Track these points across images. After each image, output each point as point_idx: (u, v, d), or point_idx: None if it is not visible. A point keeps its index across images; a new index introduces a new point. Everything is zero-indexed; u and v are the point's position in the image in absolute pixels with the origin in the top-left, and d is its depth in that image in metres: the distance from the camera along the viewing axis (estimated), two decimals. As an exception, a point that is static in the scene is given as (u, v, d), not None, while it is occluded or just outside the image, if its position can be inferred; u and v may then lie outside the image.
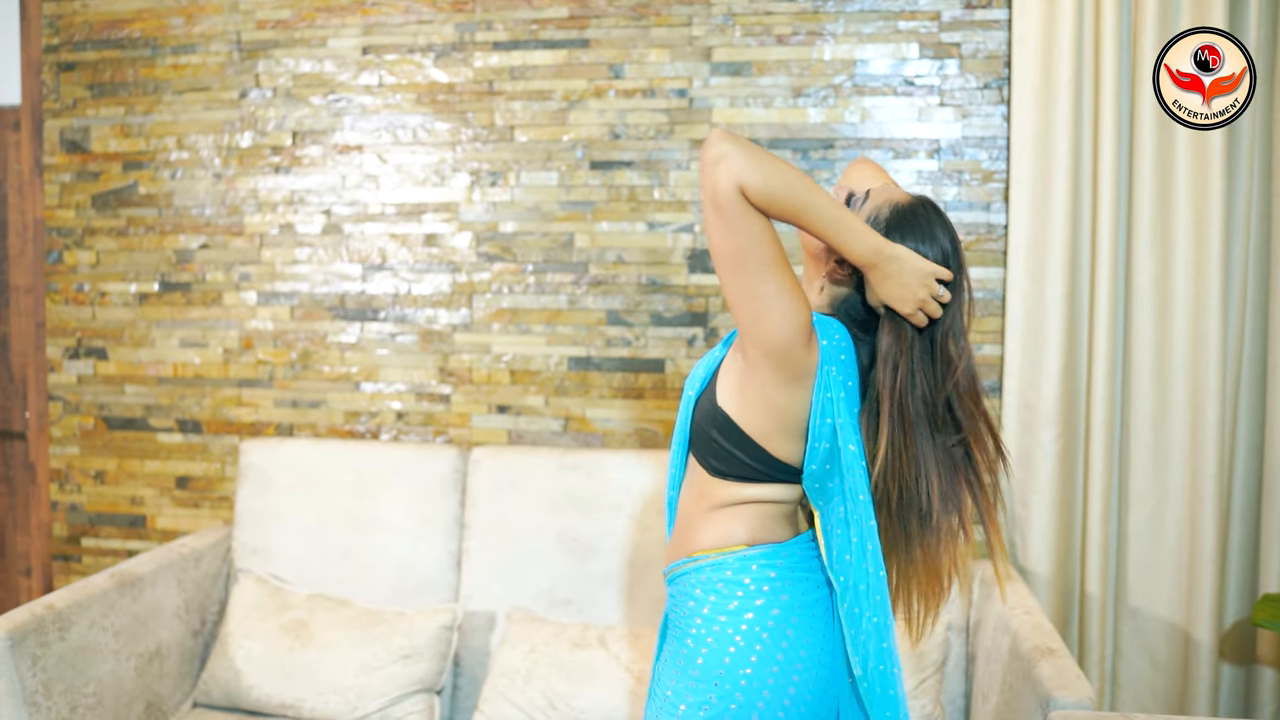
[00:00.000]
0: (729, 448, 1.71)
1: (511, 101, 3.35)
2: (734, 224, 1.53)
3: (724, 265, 1.57)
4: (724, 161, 1.52)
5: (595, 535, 3.07)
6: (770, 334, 1.58)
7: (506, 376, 3.39)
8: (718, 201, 1.53)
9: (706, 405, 1.75)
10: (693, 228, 3.28)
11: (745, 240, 1.54)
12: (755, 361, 1.63)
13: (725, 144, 1.53)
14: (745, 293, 1.57)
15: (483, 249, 3.38)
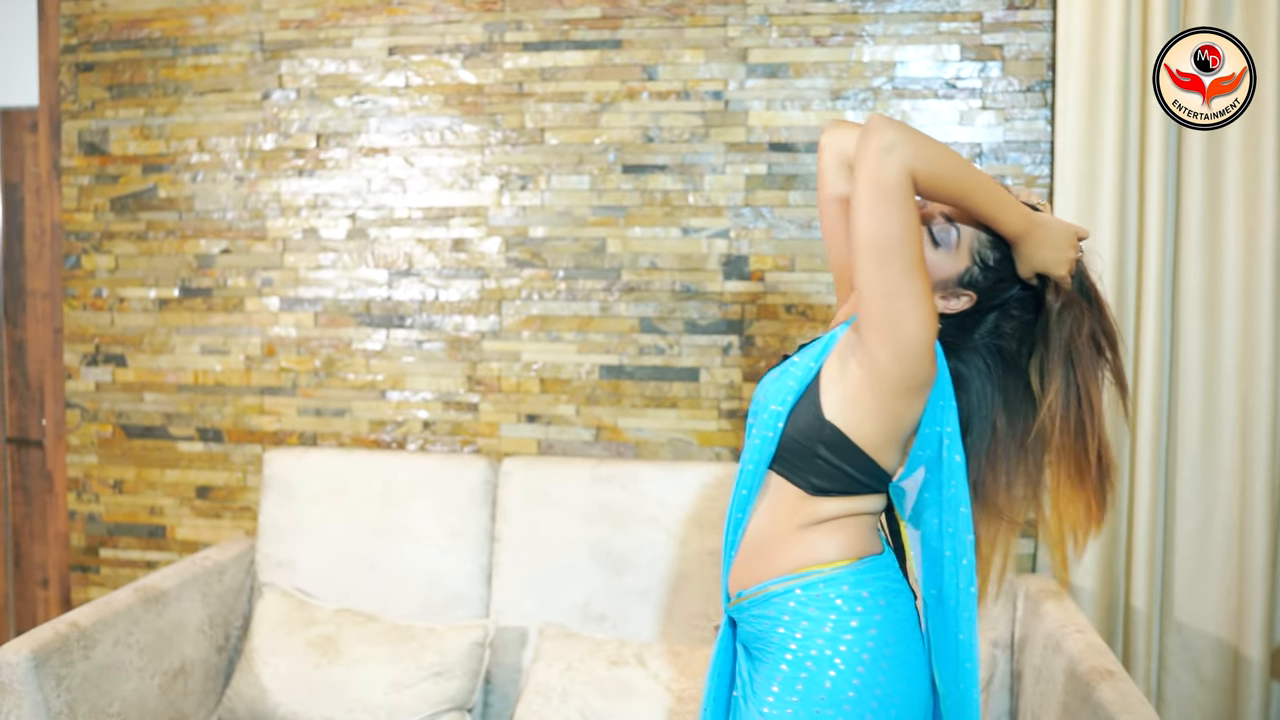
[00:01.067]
0: (838, 463, 1.67)
1: (542, 103, 3.32)
2: (895, 213, 1.51)
3: (873, 257, 1.53)
4: (896, 149, 1.51)
5: (630, 549, 3.04)
6: (908, 337, 1.55)
7: (536, 385, 3.37)
8: (885, 188, 1.51)
9: (807, 419, 1.68)
10: (728, 233, 3.26)
11: (903, 231, 1.52)
12: (884, 368, 1.59)
13: (893, 130, 1.52)
14: (890, 290, 1.53)
15: (512, 254, 3.35)
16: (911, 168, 1.51)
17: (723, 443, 3.30)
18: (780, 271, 3.24)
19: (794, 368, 1.75)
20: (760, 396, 1.80)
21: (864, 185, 1.53)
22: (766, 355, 3.26)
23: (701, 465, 3.11)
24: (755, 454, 1.73)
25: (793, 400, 1.70)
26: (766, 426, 1.71)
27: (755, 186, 3.24)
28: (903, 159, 1.50)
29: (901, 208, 1.51)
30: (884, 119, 1.53)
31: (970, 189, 1.59)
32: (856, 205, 1.54)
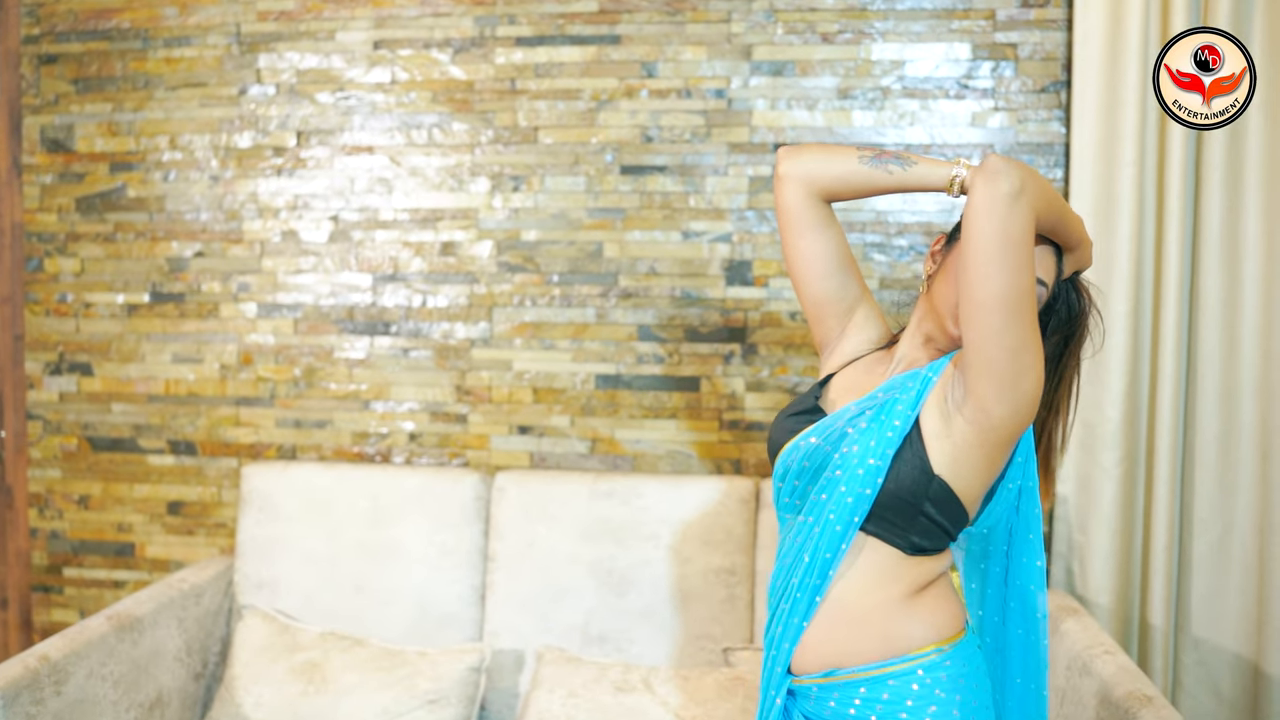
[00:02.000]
0: (941, 521, 1.60)
1: (535, 101, 3.24)
2: (1026, 263, 1.46)
3: (1004, 311, 1.46)
4: (1024, 196, 1.45)
5: (631, 567, 2.97)
6: (1028, 393, 1.51)
7: (529, 395, 3.29)
8: (1017, 238, 1.45)
9: (913, 475, 1.59)
10: (730, 237, 3.19)
11: (1029, 280, 1.47)
12: (998, 424, 1.53)
13: (1018, 173, 1.46)
14: (1019, 344, 1.48)
15: (503, 259, 3.27)
16: (1035, 209, 1.48)
17: (724, 455, 3.23)
18: (784, 277, 3.18)
19: (888, 417, 1.63)
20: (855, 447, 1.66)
21: (992, 235, 1.45)
22: (770, 364, 3.20)
23: (705, 480, 3.05)
24: (847, 513, 1.61)
25: (889, 454, 1.60)
26: (862, 483, 1.60)
27: (759, 189, 3.18)
28: (1030, 202, 1.46)
29: (1030, 256, 1.46)
30: (1003, 159, 1.47)
31: (1061, 216, 1.58)
32: (980, 256, 1.46)
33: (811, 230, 1.81)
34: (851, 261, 1.86)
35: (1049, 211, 1.53)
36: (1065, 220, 1.58)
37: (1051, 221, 1.55)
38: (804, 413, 1.77)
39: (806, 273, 1.85)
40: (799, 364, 3.19)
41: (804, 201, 1.79)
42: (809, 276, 1.85)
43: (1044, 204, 1.50)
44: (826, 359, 1.92)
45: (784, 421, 1.78)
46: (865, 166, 1.73)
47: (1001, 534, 1.65)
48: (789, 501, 1.73)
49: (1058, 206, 1.55)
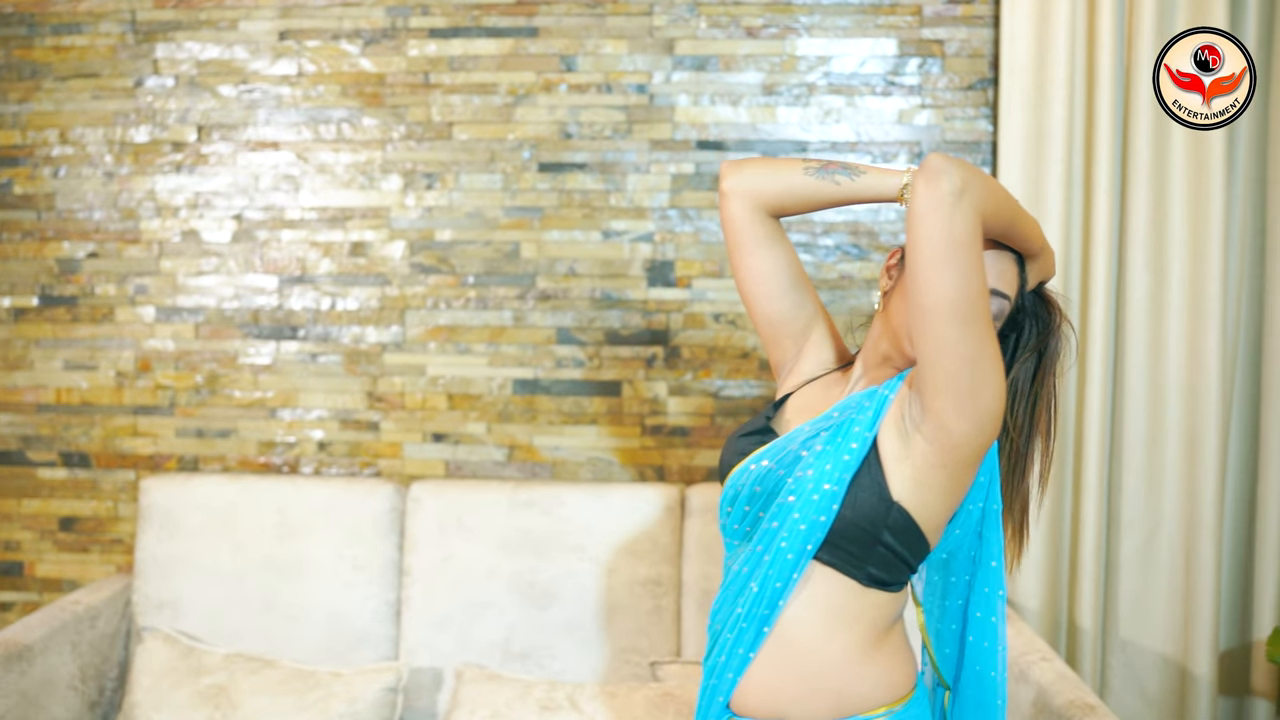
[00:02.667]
0: (901, 551, 1.52)
1: (450, 95, 3.16)
2: (974, 266, 1.38)
3: (953, 319, 1.39)
4: (968, 194, 1.38)
5: (554, 579, 2.90)
6: (989, 406, 1.43)
7: (443, 401, 3.21)
8: (961, 240, 1.37)
9: (871, 502, 1.52)
10: (652, 237, 3.14)
11: (981, 285, 1.39)
12: (960, 442, 1.46)
13: (960, 172, 1.38)
14: (973, 353, 1.40)
15: (416, 259, 3.18)
16: (983, 211, 1.41)
17: (647, 462, 3.18)
18: (708, 278, 3.14)
19: (844, 439, 1.55)
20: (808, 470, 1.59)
21: (936, 238, 1.38)
22: (693, 367, 3.15)
23: (628, 487, 2.99)
24: (800, 540, 1.53)
25: (845, 478, 1.52)
26: (817, 510, 1.52)
27: (682, 187, 3.13)
28: (974, 202, 1.39)
29: (980, 259, 1.39)
30: (945, 158, 1.40)
31: (1014, 218, 1.52)
32: (926, 262, 1.39)
33: (759, 247, 1.74)
34: (805, 279, 1.80)
35: (999, 213, 1.47)
36: (1019, 224, 1.52)
37: (1003, 225, 1.49)
38: (755, 433, 1.70)
39: (756, 292, 1.78)
40: (723, 367, 3.15)
41: (749, 217, 1.73)
42: (759, 296, 1.79)
43: (992, 205, 1.43)
44: (783, 381, 1.85)
45: (735, 443, 1.70)
46: (811, 178, 1.67)
47: (963, 562, 1.59)
48: (738, 528, 1.65)
49: (1009, 209, 1.49)
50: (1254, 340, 3.03)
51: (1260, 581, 2.99)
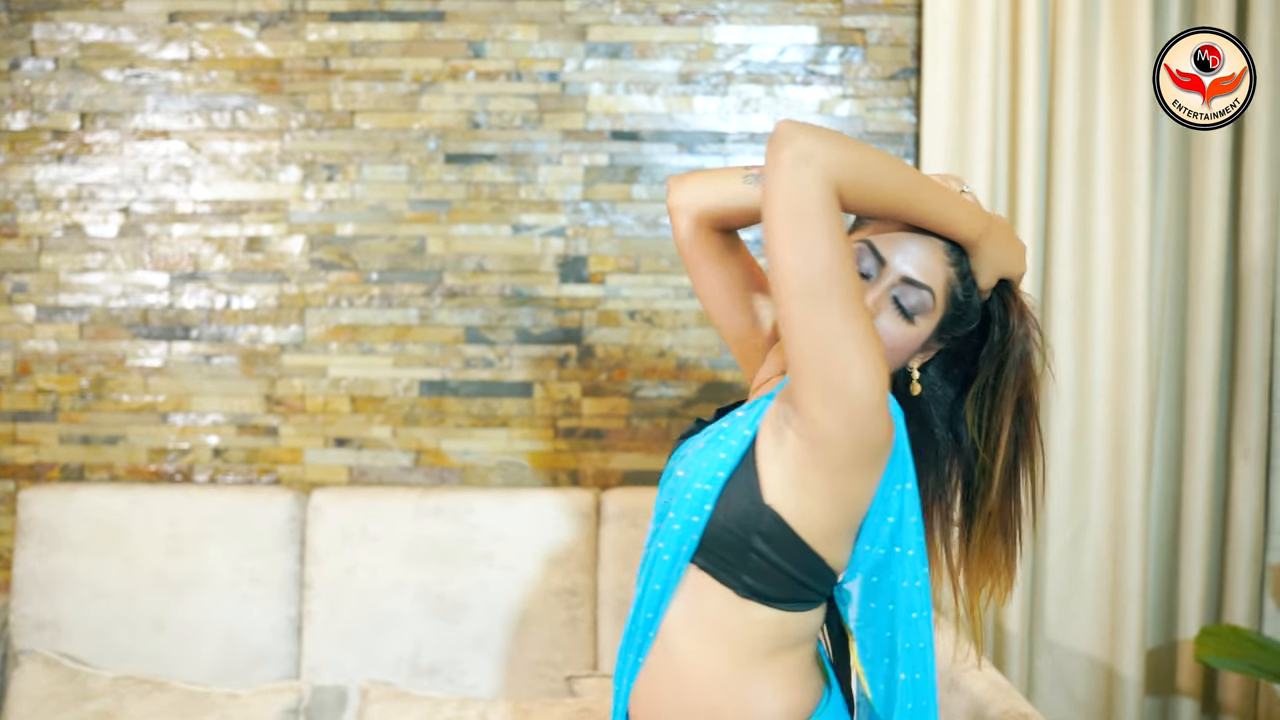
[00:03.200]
0: (778, 560, 1.41)
1: (352, 82, 3.05)
2: (821, 237, 1.28)
3: (801, 297, 1.30)
4: (812, 160, 1.28)
5: (464, 590, 2.82)
6: (857, 394, 1.32)
7: (346, 404, 3.10)
8: (803, 209, 1.28)
9: (742, 504, 1.43)
10: (564, 231, 3.06)
11: (831, 259, 1.29)
12: (830, 437, 1.35)
13: (805, 136, 1.29)
14: (826, 335, 1.30)
15: (317, 255, 3.07)
16: (834, 179, 1.30)
17: (560, 465, 3.10)
18: (623, 274, 3.07)
19: (725, 437, 1.48)
20: (680, 469, 1.52)
21: (779, 209, 1.30)
22: (608, 367, 3.08)
23: (541, 493, 2.92)
24: (674, 542, 1.46)
25: (721, 479, 1.44)
26: (690, 510, 1.44)
27: (595, 179, 3.06)
28: (822, 169, 1.29)
29: (827, 230, 1.29)
30: (792, 124, 1.31)
31: (910, 193, 1.38)
32: (771, 235, 1.31)
33: (708, 262, 1.69)
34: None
35: (875, 187, 1.35)
36: (919, 203, 1.39)
37: (885, 201, 1.37)
38: (689, 435, 1.63)
39: (713, 308, 1.73)
40: (639, 367, 3.08)
41: (695, 233, 1.67)
42: (716, 311, 1.73)
43: (854, 174, 1.32)
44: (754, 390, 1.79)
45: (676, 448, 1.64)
46: (749, 187, 1.60)
47: (885, 587, 1.50)
48: (659, 512, 1.59)
49: (894, 184, 1.37)
50: (1178, 337, 3.03)
51: (1185, 580, 2.99)
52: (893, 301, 1.45)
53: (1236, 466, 2.97)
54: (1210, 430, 2.95)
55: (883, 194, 1.36)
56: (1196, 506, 2.97)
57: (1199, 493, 2.96)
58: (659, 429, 3.09)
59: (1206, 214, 2.92)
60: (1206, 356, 2.94)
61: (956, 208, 1.42)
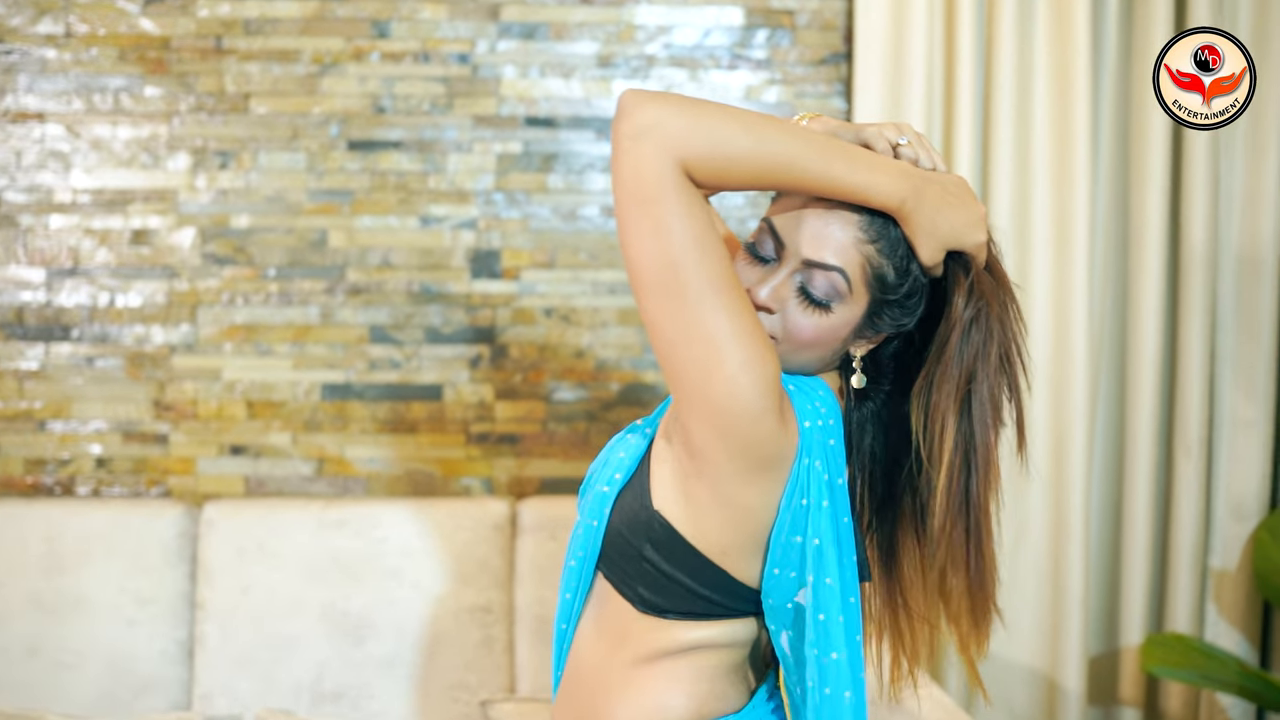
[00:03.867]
0: (671, 571, 1.28)
1: (246, 63, 2.91)
2: (666, 223, 1.14)
3: (652, 287, 1.17)
4: (651, 133, 1.13)
5: (370, 609, 2.72)
6: (726, 395, 1.18)
7: (242, 410, 2.97)
8: (645, 191, 1.14)
9: (633, 509, 1.31)
10: (475, 224, 2.95)
11: (685, 244, 1.15)
12: (704, 443, 1.22)
13: (647, 107, 1.14)
14: (685, 330, 1.17)
15: (209, 249, 2.93)
16: (679, 154, 1.15)
17: (473, 473, 3.00)
18: (538, 269, 2.97)
19: (628, 436, 1.38)
20: (595, 471, 1.42)
21: (620, 192, 1.17)
22: (523, 368, 2.97)
23: (452, 502, 2.84)
24: (577, 547, 1.36)
25: (621, 481, 1.33)
26: (591, 513, 1.34)
27: (508, 168, 2.96)
28: (663, 144, 1.14)
29: (674, 214, 1.15)
30: (633, 94, 1.17)
31: (791, 161, 1.19)
32: (618, 222, 1.18)
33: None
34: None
35: (737, 158, 1.17)
36: (800, 171, 1.20)
37: (756, 172, 1.20)
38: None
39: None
40: (555, 368, 2.98)
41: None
42: None
43: (705, 145, 1.16)
44: None
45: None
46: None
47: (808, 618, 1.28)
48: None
49: (766, 151, 1.19)
50: (1118, 332, 2.99)
51: (1127, 585, 2.96)
52: (798, 290, 1.27)
53: (1178, 465, 2.93)
54: (1152, 428, 2.91)
55: (752, 164, 1.18)
56: (1138, 508, 2.93)
57: (1141, 493, 2.93)
58: (577, 434, 2.99)
59: (1147, 204, 2.88)
60: (1148, 352, 2.90)
61: (865, 170, 1.22)
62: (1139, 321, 2.91)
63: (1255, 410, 2.92)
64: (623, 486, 1.33)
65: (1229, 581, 2.97)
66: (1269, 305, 2.89)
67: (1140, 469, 2.92)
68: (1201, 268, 2.86)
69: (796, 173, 1.20)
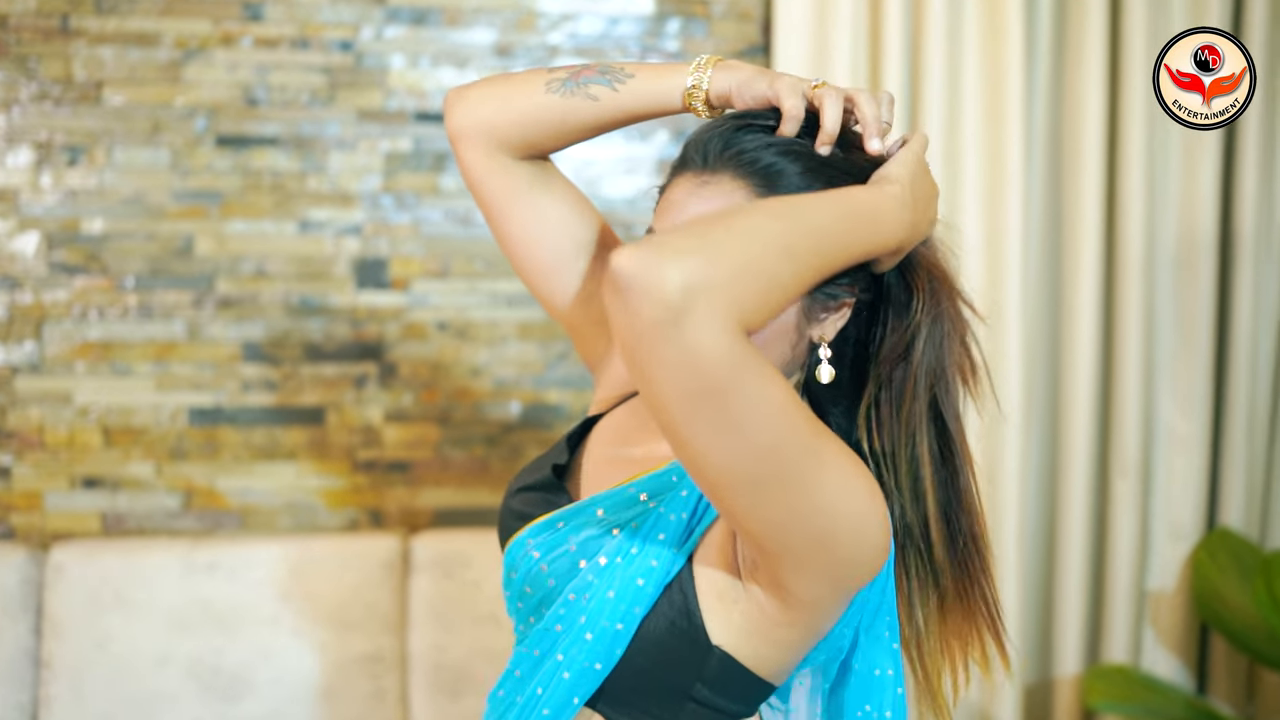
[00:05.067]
0: (723, 704, 1.13)
1: (98, 47, 2.68)
2: (751, 404, 0.90)
3: (741, 485, 0.96)
4: (701, 303, 0.86)
5: (246, 663, 2.53)
6: (852, 556, 1.03)
7: (97, 437, 2.75)
8: (711, 381, 0.88)
9: (679, 648, 1.11)
10: (360, 229, 2.76)
11: (774, 420, 0.92)
12: (815, 596, 1.05)
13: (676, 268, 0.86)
14: (792, 511, 0.98)
15: (57, 257, 2.71)
16: (740, 319, 0.88)
17: (360, 504, 2.81)
18: (431, 279, 2.80)
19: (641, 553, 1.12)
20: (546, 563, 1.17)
21: (668, 390, 0.90)
22: (414, 388, 2.79)
23: (337, 539, 2.66)
24: (561, 691, 1.14)
25: (642, 614, 1.11)
26: (589, 654, 1.12)
27: (397, 167, 2.78)
28: (716, 316, 0.87)
29: (753, 390, 0.89)
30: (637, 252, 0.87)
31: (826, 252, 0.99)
32: (669, 429, 0.93)
33: (515, 204, 1.32)
34: (608, 238, 1.37)
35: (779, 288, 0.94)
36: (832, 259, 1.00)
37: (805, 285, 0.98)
38: (539, 488, 1.27)
39: (524, 266, 1.36)
40: (450, 387, 2.81)
41: (491, 164, 1.30)
42: (529, 271, 1.36)
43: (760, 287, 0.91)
44: (596, 385, 1.44)
45: (512, 500, 1.29)
46: (556, 96, 1.25)
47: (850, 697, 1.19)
48: (521, 608, 1.24)
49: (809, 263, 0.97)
50: (1052, 347, 2.89)
51: (1062, 611, 2.86)
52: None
53: (1114, 485, 2.83)
54: (1087, 446, 2.82)
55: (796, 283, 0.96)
56: (1073, 530, 2.84)
57: (1076, 515, 2.83)
58: (475, 459, 2.80)
59: (1082, 209, 2.78)
60: (1083, 366, 2.81)
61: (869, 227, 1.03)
62: (1074, 333, 2.82)
63: (1192, 426, 2.83)
64: (641, 622, 1.11)
65: (1166, 605, 2.89)
66: (1205, 315, 2.81)
67: (1076, 490, 2.83)
68: (1138, 276, 2.77)
69: (834, 260, 1.00)
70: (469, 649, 2.51)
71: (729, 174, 1.10)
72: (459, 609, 2.52)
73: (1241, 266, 2.82)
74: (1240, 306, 2.83)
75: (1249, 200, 2.79)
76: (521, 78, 1.29)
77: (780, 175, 1.09)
